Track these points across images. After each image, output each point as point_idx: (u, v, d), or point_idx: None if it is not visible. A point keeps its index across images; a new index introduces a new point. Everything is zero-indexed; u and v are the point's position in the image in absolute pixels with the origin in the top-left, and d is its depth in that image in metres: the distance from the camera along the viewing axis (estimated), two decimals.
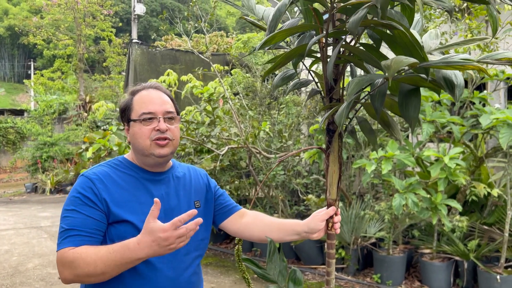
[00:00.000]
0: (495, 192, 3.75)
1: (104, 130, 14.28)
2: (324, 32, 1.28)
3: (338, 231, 1.54)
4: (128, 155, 1.60)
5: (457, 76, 1.24)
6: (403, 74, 1.28)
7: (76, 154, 12.62)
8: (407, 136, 5.00)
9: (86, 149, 5.36)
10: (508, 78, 4.22)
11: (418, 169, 4.64)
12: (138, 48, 13.40)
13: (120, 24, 22.32)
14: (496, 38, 3.89)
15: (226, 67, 8.03)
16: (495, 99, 4.84)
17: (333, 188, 1.52)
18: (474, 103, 4.15)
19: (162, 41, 17.17)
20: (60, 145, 14.71)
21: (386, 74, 1.06)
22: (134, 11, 17.01)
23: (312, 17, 1.38)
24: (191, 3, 4.94)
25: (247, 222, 1.67)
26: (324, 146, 1.53)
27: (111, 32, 20.08)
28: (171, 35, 17.22)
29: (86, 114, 16.25)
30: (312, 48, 1.41)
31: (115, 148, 4.79)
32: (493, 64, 1.26)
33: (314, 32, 1.43)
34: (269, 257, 1.56)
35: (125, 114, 1.54)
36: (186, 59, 13.21)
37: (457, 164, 3.38)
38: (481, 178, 4.41)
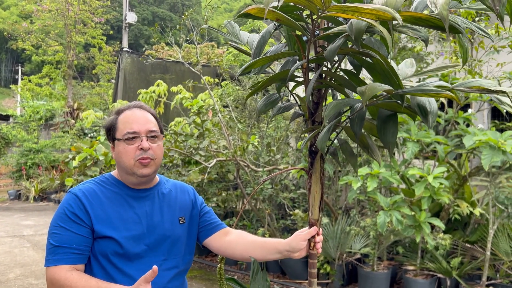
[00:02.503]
0: (477, 211, 3.83)
1: (91, 137, 14.20)
2: (306, 58, 1.32)
3: (320, 250, 1.56)
4: (115, 172, 1.63)
5: (431, 103, 1.28)
6: (381, 99, 1.32)
7: (62, 162, 12.48)
8: (394, 153, 5.07)
9: (73, 158, 5.33)
10: (491, 100, 4.33)
11: (403, 186, 4.71)
12: (128, 56, 13.39)
13: (111, 32, 22.29)
14: (480, 61, 4.00)
15: (217, 79, 8.08)
16: (479, 119, 4.96)
17: (315, 208, 1.55)
18: (458, 123, 4.24)
19: (153, 50, 17.20)
20: (46, 152, 14.54)
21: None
22: (126, 19, 17.02)
23: (295, 43, 1.42)
24: (183, 16, 4.99)
25: (231, 240, 1.69)
26: (306, 166, 1.56)
27: (102, 39, 20.04)
28: (162, 45, 17.26)
29: (73, 121, 16.11)
30: (296, 71, 1.46)
31: (101, 158, 4.77)
32: (466, 92, 1.31)
33: (297, 56, 1.48)
34: (252, 276, 1.58)
35: (110, 133, 1.58)
36: (176, 69, 13.21)
37: (441, 183, 3.44)
38: (465, 196, 4.49)
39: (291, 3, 1.11)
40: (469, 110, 4.67)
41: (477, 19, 4.11)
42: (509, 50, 3.91)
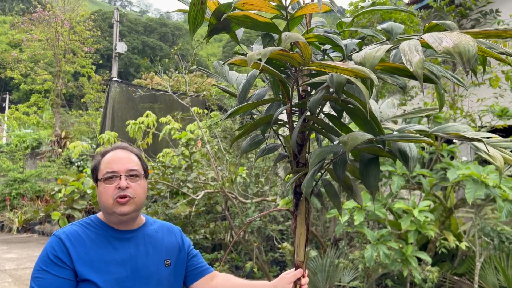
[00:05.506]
0: (463, 245, 3.85)
1: (78, 167, 14.04)
2: (289, 104, 1.36)
3: None
4: (100, 214, 1.63)
5: (411, 149, 1.32)
6: (363, 143, 1.36)
7: (48, 192, 12.29)
8: (382, 185, 5.11)
9: (59, 191, 5.26)
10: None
11: (391, 217, 4.73)
12: (117, 86, 13.45)
13: (101, 61, 22.44)
14: (461, 96, 4.12)
15: (206, 110, 8.13)
16: (463, 151, 5.05)
17: (301, 250, 1.56)
18: (443, 156, 4.31)
19: (143, 79, 17.32)
20: (31, 182, 14.30)
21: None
22: (116, 49, 17.19)
23: (280, 87, 1.47)
24: (172, 50, 5.07)
25: (217, 283, 1.68)
26: (291, 207, 1.58)
27: (91, 68, 20.15)
28: (152, 74, 17.40)
29: (60, 150, 15.96)
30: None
31: (89, 191, 4.72)
32: (444, 137, 1.36)
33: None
34: None
35: (94, 175, 1.61)
36: (165, 98, 13.26)
37: (426, 217, 3.47)
38: (451, 228, 4.52)
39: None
40: (454, 141, 4.76)
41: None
42: (488, 85, 4.04)
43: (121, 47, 17.31)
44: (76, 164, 14.14)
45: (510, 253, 4.28)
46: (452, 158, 4.64)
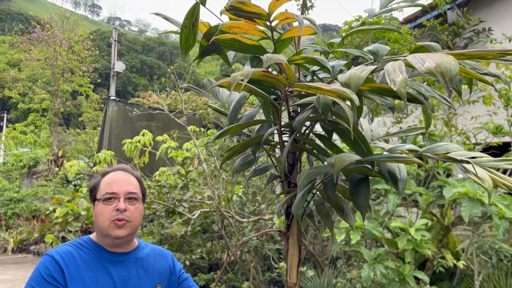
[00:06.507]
0: (461, 263, 3.81)
1: (75, 186, 13.95)
2: (278, 125, 1.36)
3: None
4: (93, 235, 1.62)
5: (400, 170, 1.31)
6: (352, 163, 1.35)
7: (43, 211, 12.18)
8: (378, 203, 5.09)
9: (54, 211, 5.22)
10: (469, 150, 4.44)
11: (389, 235, 4.69)
12: (115, 105, 13.51)
13: (99, 80, 22.60)
14: (455, 114, 4.14)
15: (202, 128, 8.15)
16: (459, 169, 5.03)
17: (293, 272, 1.53)
18: (439, 173, 4.31)
19: (140, 98, 17.39)
20: (27, 202, 14.20)
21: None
22: (114, 68, 17.30)
23: (270, 107, 1.47)
24: (169, 70, 5.11)
25: None
26: (283, 228, 1.56)
27: (89, 87, 20.25)
28: (150, 93, 17.47)
29: (57, 169, 15.90)
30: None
31: (83, 213, 4.68)
32: (433, 158, 1.35)
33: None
34: None
35: (92, 194, 1.60)
36: (163, 117, 13.30)
37: (423, 235, 3.45)
38: (449, 247, 4.48)
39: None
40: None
41: None
42: (482, 103, 4.07)
43: (119, 66, 17.43)
44: (73, 183, 14.07)
45: (508, 271, 4.24)
46: (448, 175, 4.63)
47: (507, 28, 6.03)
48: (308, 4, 5.97)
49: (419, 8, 7.04)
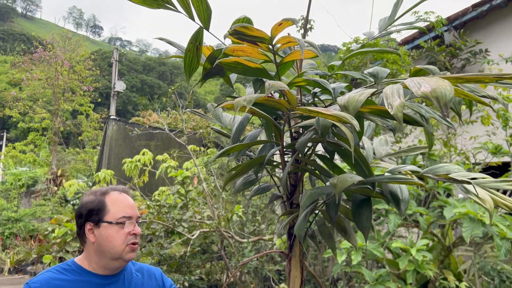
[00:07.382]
0: (464, 284, 3.78)
1: (74, 205, 13.86)
2: (281, 146, 1.38)
3: None
4: (79, 258, 1.57)
5: (402, 191, 1.32)
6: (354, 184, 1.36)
7: (41, 232, 12.07)
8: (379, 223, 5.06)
9: (52, 231, 5.18)
10: (469, 170, 4.44)
11: (390, 255, 4.65)
12: (115, 124, 13.56)
13: (99, 99, 22.73)
14: (454, 134, 4.17)
15: (202, 148, 8.16)
16: (459, 189, 5.02)
17: None
18: (439, 193, 4.30)
19: (141, 117, 17.46)
20: (25, 221, 14.09)
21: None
22: (114, 87, 17.43)
23: (272, 128, 1.49)
24: (169, 90, 5.16)
25: None
26: (285, 249, 1.56)
27: (90, 107, 20.36)
28: (150, 112, 17.54)
29: (56, 188, 15.84)
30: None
31: None
32: (434, 179, 1.36)
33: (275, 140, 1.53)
34: None
35: (95, 215, 1.52)
36: (162, 136, 13.33)
37: (424, 256, 3.42)
38: (451, 267, 4.43)
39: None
40: None
41: None
42: (480, 123, 4.10)
43: (119, 85, 17.55)
44: (71, 202, 13.98)
45: None
46: (448, 195, 4.62)
47: (503, 49, 6.12)
48: (308, 26, 6.08)
49: (416, 30, 7.15)
